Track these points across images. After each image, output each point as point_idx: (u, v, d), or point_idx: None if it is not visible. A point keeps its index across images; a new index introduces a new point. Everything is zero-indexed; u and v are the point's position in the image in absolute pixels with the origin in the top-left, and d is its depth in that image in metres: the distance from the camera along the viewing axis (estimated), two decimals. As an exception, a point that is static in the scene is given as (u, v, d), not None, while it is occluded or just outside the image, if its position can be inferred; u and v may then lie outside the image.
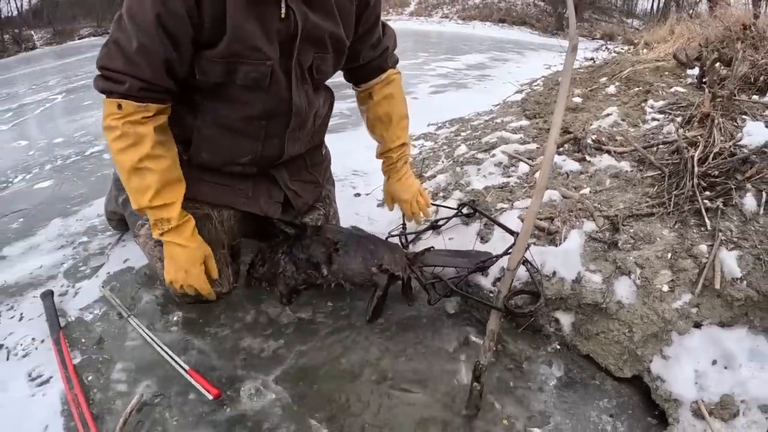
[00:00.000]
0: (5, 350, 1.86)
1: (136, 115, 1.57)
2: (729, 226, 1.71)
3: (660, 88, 3.79)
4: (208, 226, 1.85)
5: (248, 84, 1.63)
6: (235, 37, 1.52)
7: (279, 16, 1.56)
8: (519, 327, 1.77)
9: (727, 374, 1.51)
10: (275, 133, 1.79)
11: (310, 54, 1.71)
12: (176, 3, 1.45)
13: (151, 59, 1.52)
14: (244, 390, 1.56)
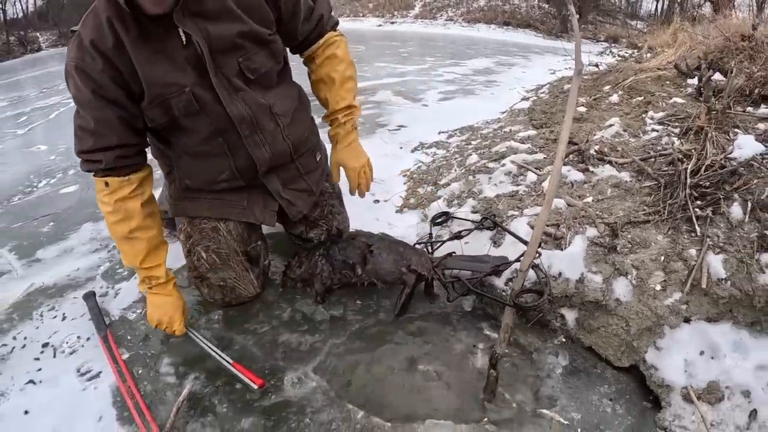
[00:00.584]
0: (51, 348, 2.04)
1: (122, 191, 1.81)
2: (716, 233, 1.88)
3: (660, 98, 3.92)
4: (218, 237, 2.03)
5: (184, 113, 1.79)
6: (150, 82, 1.72)
7: (182, 45, 1.70)
8: (529, 322, 1.97)
9: (713, 363, 1.70)
10: (236, 145, 1.91)
11: (233, 60, 1.80)
12: (101, 76, 1.68)
13: (109, 125, 1.74)
14: (286, 379, 1.77)
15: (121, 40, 1.66)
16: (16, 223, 3.19)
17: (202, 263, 2.02)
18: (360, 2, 25.99)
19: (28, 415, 1.75)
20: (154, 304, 1.98)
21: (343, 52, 2.14)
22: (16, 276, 2.58)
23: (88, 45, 1.66)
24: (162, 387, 1.79)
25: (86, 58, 1.66)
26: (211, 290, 2.07)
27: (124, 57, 1.67)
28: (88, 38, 1.66)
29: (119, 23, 1.65)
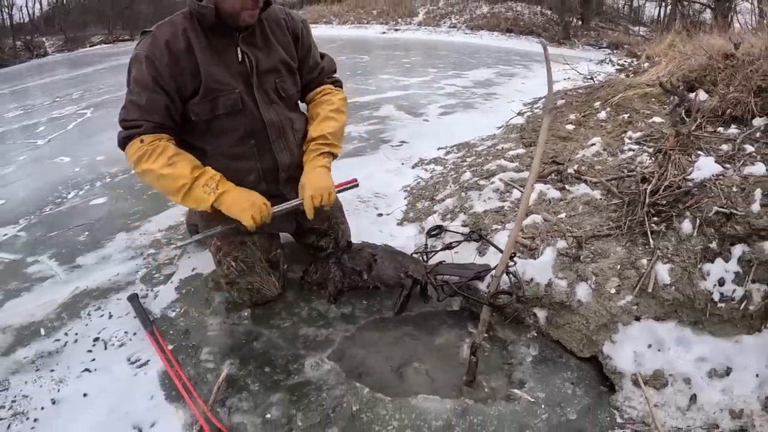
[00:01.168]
0: (102, 342, 2.33)
1: (153, 140, 2.13)
2: (667, 245, 2.21)
3: (642, 117, 4.14)
4: (245, 248, 2.39)
5: (228, 111, 2.20)
6: (209, 78, 2.15)
7: (237, 60, 2.20)
8: (506, 319, 2.32)
9: (659, 355, 2.01)
10: (264, 149, 2.30)
11: (271, 80, 2.29)
12: (164, 69, 2.10)
13: (157, 106, 2.14)
14: (306, 364, 2.12)
15: (191, 45, 2.12)
16: (52, 232, 3.44)
17: (231, 270, 2.37)
18: (364, 9, 26.10)
19: (87, 397, 2.02)
20: (234, 199, 2.16)
21: (338, 101, 2.52)
22: (60, 280, 2.83)
23: (162, 43, 2.09)
24: (203, 371, 2.12)
25: (156, 52, 2.09)
26: (240, 293, 2.41)
27: (190, 58, 2.12)
28: (163, 38, 2.10)
29: (192, 33, 2.13)
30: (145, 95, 2.11)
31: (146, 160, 2.11)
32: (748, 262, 2.02)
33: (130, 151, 2.15)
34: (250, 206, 2.17)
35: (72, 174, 4.67)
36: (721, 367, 1.94)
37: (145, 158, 2.11)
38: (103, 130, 6.26)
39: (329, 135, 2.42)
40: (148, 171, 2.13)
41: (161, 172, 2.10)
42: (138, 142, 2.12)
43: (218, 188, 2.15)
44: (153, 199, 3.86)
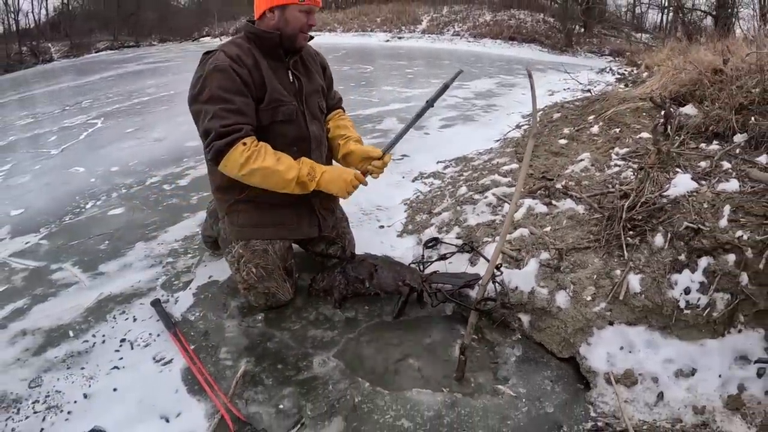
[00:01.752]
0: (128, 343, 2.51)
1: (255, 142, 2.34)
2: (639, 257, 2.42)
3: (632, 132, 4.31)
4: (267, 256, 2.61)
5: (285, 119, 2.48)
6: (273, 90, 2.45)
7: (289, 81, 2.55)
8: (494, 323, 2.55)
9: (630, 356, 2.20)
10: (304, 155, 2.54)
11: (314, 99, 2.65)
12: (246, 78, 2.38)
13: (250, 109, 2.39)
14: (314, 362, 2.34)
15: (258, 62, 2.44)
16: (73, 241, 3.61)
17: (251, 276, 2.60)
18: (368, 17, 26.23)
19: (117, 392, 2.20)
20: (330, 179, 2.49)
21: (347, 118, 2.97)
22: (85, 286, 3.00)
23: (234, 56, 2.38)
24: (222, 368, 2.33)
25: (235, 65, 2.36)
26: (257, 297, 2.65)
27: (257, 72, 2.42)
28: (234, 53, 2.40)
29: (257, 54, 2.47)
30: (237, 99, 2.34)
31: (255, 160, 2.31)
32: (712, 273, 2.20)
33: (233, 155, 2.29)
34: (345, 184, 2.52)
35: (88, 184, 4.83)
36: (687, 368, 2.12)
37: (254, 158, 2.31)
38: (115, 141, 6.46)
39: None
40: (260, 169, 2.32)
41: (275, 167, 2.35)
42: (241, 146, 2.29)
43: (316, 175, 2.47)
44: (168, 211, 4.07)
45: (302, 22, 2.46)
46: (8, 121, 8.96)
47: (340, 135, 2.82)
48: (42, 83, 15.32)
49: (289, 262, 2.74)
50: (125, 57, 22.02)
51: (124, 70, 15.81)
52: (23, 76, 19.96)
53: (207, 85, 2.33)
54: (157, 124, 7.25)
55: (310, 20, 2.48)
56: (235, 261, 2.64)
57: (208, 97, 2.33)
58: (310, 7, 2.46)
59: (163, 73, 13.96)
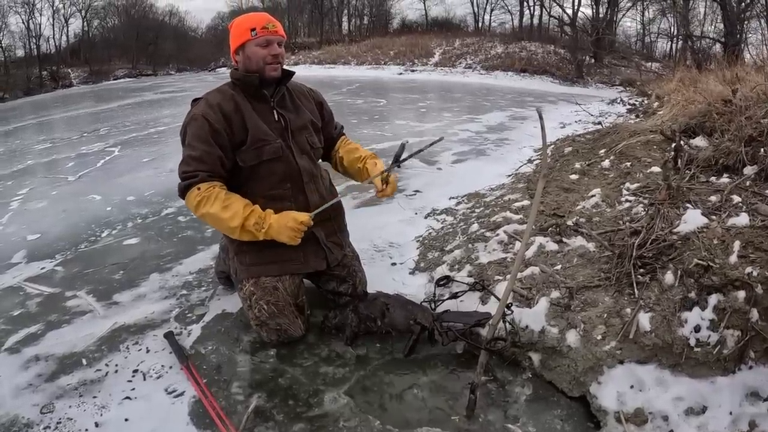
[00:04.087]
0: (141, 373, 2.53)
1: (209, 188, 2.47)
2: (650, 295, 2.43)
3: (642, 166, 4.33)
4: (277, 293, 2.65)
5: (272, 157, 2.57)
6: (256, 130, 2.56)
7: (274, 120, 2.64)
8: (505, 362, 2.55)
9: (640, 395, 2.19)
10: (298, 190, 2.67)
11: (302, 135, 2.71)
12: (219, 126, 2.50)
13: (210, 158, 2.50)
14: (325, 398, 2.35)
15: (240, 107, 2.56)
16: (88, 269, 3.66)
17: (263, 313, 2.64)
18: (381, 50, 26.55)
19: (128, 422, 2.21)
20: (278, 230, 2.49)
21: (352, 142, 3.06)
22: (99, 315, 3.05)
23: (214, 105, 2.53)
24: (233, 402, 2.35)
25: (210, 113, 2.51)
26: (269, 333, 2.68)
27: (237, 116, 2.54)
28: (215, 101, 2.55)
29: (239, 98, 2.59)
30: (200, 148, 2.49)
31: (204, 205, 2.45)
32: (722, 310, 2.20)
33: (189, 198, 2.49)
34: (290, 231, 2.51)
35: (104, 213, 4.90)
36: (697, 406, 2.10)
37: (203, 203, 2.45)
38: (132, 170, 6.57)
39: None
40: (207, 214, 2.47)
41: (219, 215, 2.44)
42: (195, 190, 2.46)
43: (264, 225, 2.48)
44: (183, 242, 4.11)
45: (262, 55, 2.55)
46: (27, 145, 9.16)
47: (356, 158, 2.92)
48: (61, 108, 15.60)
49: (300, 298, 2.77)
50: (143, 85, 22.37)
51: (141, 99, 16.08)
52: (42, 101, 20.27)
53: (186, 131, 2.58)
54: (173, 155, 7.28)
55: (272, 50, 2.56)
56: (247, 298, 2.69)
57: (186, 143, 2.57)
58: (266, 38, 2.54)
59: (179, 103, 14.16)
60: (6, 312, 3.16)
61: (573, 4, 23.44)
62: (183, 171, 2.52)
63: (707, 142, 4.45)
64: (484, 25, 35.54)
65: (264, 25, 2.53)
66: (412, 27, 36.90)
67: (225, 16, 42.53)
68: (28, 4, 32.08)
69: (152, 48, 36.81)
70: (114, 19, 38.75)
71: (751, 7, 18.32)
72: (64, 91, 25.89)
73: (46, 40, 34.11)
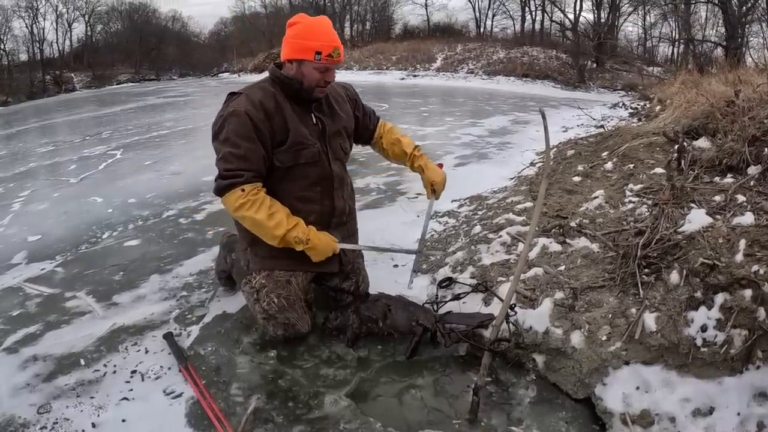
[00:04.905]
0: (139, 374, 2.52)
1: (254, 190, 2.45)
2: (655, 295, 2.39)
3: (645, 168, 4.30)
4: (290, 287, 2.64)
5: (308, 161, 2.57)
6: (296, 134, 2.53)
7: (312, 123, 2.62)
8: (508, 363, 2.51)
9: (646, 396, 2.15)
10: (327, 195, 2.68)
11: (337, 141, 2.72)
12: (262, 124, 2.45)
13: (255, 156, 2.46)
14: (326, 400, 2.32)
15: (280, 106, 2.52)
16: (88, 270, 3.67)
17: (272, 306, 2.61)
18: (384, 55, 26.62)
19: (125, 423, 2.20)
20: (317, 247, 2.55)
21: (393, 126, 3.11)
22: (98, 316, 3.04)
23: (257, 102, 2.47)
24: (232, 404, 2.32)
25: (253, 110, 2.44)
26: (276, 327, 2.67)
27: (279, 116, 2.50)
28: (257, 98, 2.48)
29: (280, 96, 2.55)
30: (244, 146, 2.44)
31: (249, 209, 2.43)
32: (729, 309, 2.16)
33: (230, 198, 2.45)
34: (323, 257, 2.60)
35: (105, 215, 4.92)
36: (705, 407, 2.06)
37: (247, 207, 2.43)
38: (134, 173, 6.59)
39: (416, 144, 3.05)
40: (250, 218, 2.45)
41: (264, 222, 2.44)
42: (239, 191, 2.43)
43: (309, 242, 2.52)
44: (184, 244, 4.11)
45: (317, 78, 2.51)
46: (29, 147, 9.23)
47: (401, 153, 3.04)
48: (64, 112, 15.69)
49: (310, 295, 2.79)
50: (146, 90, 22.42)
51: (144, 103, 16.14)
52: (45, 105, 20.35)
53: (224, 126, 2.46)
54: (175, 158, 7.38)
55: (327, 77, 2.53)
56: (255, 291, 2.66)
57: (223, 138, 2.47)
58: (326, 66, 2.50)
59: (182, 107, 14.23)
60: (5, 312, 3.15)
61: (574, 9, 23.58)
62: (225, 168, 2.46)
63: (710, 143, 4.44)
64: (486, 31, 35.72)
65: (330, 53, 2.47)
66: (414, 32, 37.01)
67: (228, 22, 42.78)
68: (32, 9, 32.33)
69: (155, 53, 37.01)
70: (117, 24, 39.07)
71: (752, 10, 18.37)
72: (67, 95, 26.01)
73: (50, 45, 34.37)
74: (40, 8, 32.85)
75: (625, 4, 24.87)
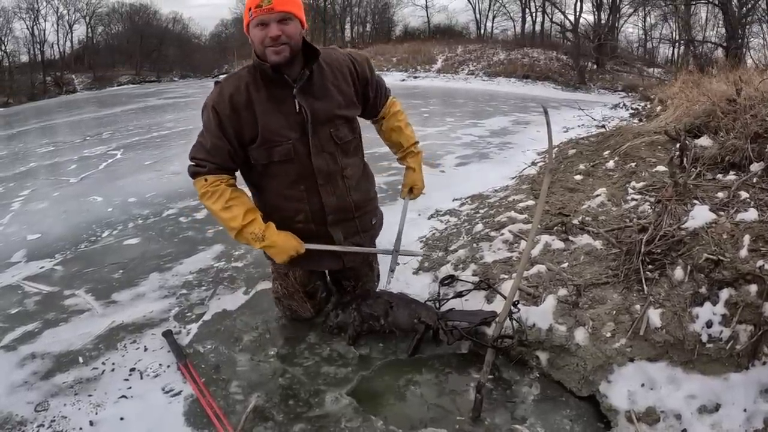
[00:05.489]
0: (138, 372, 2.51)
1: (215, 182, 2.42)
2: (659, 291, 2.37)
3: (647, 166, 4.30)
4: (287, 280, 2.76)
5: (282, 158, 2.42)
6: (265, 130, 2.38)
7: (294, 111, 2.38)
8: (511, 361, 2.49)
9: (651, 393, 2.14)
10: (312, 191, 2.51)
11: (326, 130, 2.45)
12: (227, 119, 2.36)
13: (219, 151, 2.41)
14: (327, 399, 2.30)
15: (251, 99, 2.36)
16: (88, 268, 3.67)
17: (278, 291, 2.86)
18: (384, 57, 26.61)
19: (123, 421, 2.20)
20: (275, 247, 2.46)
21: (401, 109, 2.88)
22: (97, 314, 3.04)
23: (226, 96, 2.36)
24: (232, 402, 2.30)
25: (221, 105, 2.36)
26: (282, 309, 2.92)
27: (248, 111, 2.36)
28: (227, 91, 2.37)
29: (254, 87, 2.37)
30: (210, 140, 2.41)
31: (208, 199, 2.43)
32: (734, 304, 2.15)
33: (196, 185, 2.47)
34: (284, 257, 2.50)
35: (105, 214, 4.93)
36: (711, 404, 2.04)
37: (207, 196, 2.43)
38: (134, 172, 6.60)
39: (417, 140, 2.93)
40: (209, 208, 2.47)
41: (219, 213, 2.43)
42: (203, 180, 2.43)
43: (265, 240, 2.44)
44: (184, 243, 4.10)
45: (260, 37, 2.25)
46: (30, 148, 9.25)
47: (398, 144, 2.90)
48: (64, 113, 15.73)
49: (311, 285, 2.83)
50: (146, 91, 22.47)
51: (144, 104, 16.18)
52: (47, 106, 20.38)
53: (202, 116, 2.47)
54: (176, 158, 7.36)
55: (270, 32, 2.23)
56: (273, 273, 2.89)
57: (201, 127, 2.48)
58: (260, 18, 2.23)
59: (182, 108, 14.25)
60: (4, 310, 3.14)
61: (575, 11, 23.59)
62: (192, 156, 2.48)
63: (712, 140, 4.44)
64: (487, 32, 35.70)
65: (258, 3, 2.21)
66: (415, 34, 37.05)
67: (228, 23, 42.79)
68: (33, 10, 32.38)
69: (156, 54, 37.03)
70: (118, 26, 39.13)
71: (752, 11, 18.39)
72: (67, 96, 26.05)
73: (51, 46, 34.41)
74: (41, 10, 32.91)
75: (625, 5, 24.87)
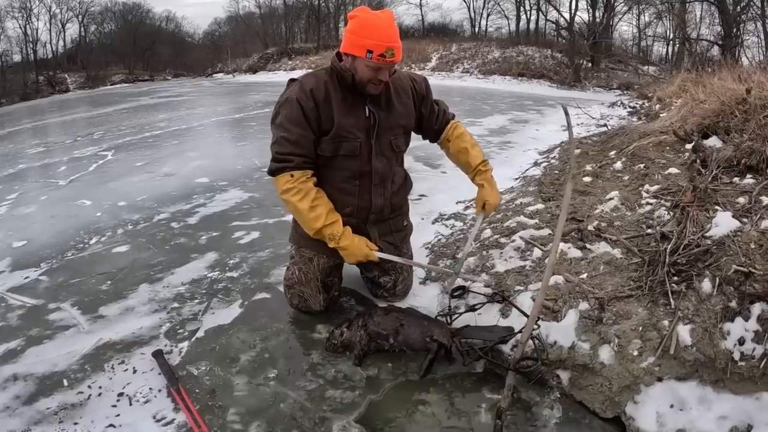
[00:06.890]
0: (126, 397, 2.32)
1: (302, 177, 2.56)
2: (687, 305, 2.23)
3: (658, 167, 4.19)
4: (310, 265, 2.82)
5: (348, 153, 2.62)
6: (340, 126, 2.57)
7: (364, 116, 2.61)
8: (530, 381, 2.32)
9: (681, 414, 2.01)
10: (365, 190, 2.72)
11: (388, 136, 2.70)
12: (310, 111, 2.52)
13: (306, 141, 2.56)
14: (333, 427, 2.13)
15: (330, 96, 2.56)
16: (74, 279, 3.47)
17: (293, 277, 2.87)
18: (379, 55, 26.58)
19: None
20: (348, 249, 2.61)
21: (465, 131, 3.02)
22: (83, 330, 2.85)
23: (308, 90, 2.53)
24: None
25: (303, 97, 2.52)
26: (293, 296, 2.92)
27: (327, 106, 2.55)
28: (308, 87, 2.54)
29: (331, 86, 2.58)
30: (296, 132, 2.54)
31: (293, 195, 2.55)
32: (767, 320, 2.04)
33: (280, 180, 2.59)
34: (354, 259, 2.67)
35: (94, 219, 4.73)
36: (743, 425, 1.94)
37: (293, 193, 2.55)
38: (125, 174, 6.41)
39: (485, 158, 2.99)
40: (293, 204, 2.57)
41: (305, 213, 2.56)
42: (288, 176, 2.56)
43: (340, 242, 2.60)
44: (175, 250, 3.92)
45: (369, 76, 2.49)
46: (20, 149, 9.07)
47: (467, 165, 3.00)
48: (56, 113, 15.60)
49: (330, 278, 2.89)
50: (139, 90, 22.34)
51: (137, 103, 16.03)
52: (39, 105, 20.24)
53: (280, 112, 2.59)
54: (168, 159, 7.20)
55: (380, 75, 2.50)
56: (290, 258, 2.98)
57: (278, 124, 2.59)
58: (378, 65, 2.45)
59: (175, 107, 14.12)
60: (-14, 325, 2.95)
61: (569, 9, 23.48)
62: (277, 152, 2.59)
63: (722, 142, 4.34)
64: (481, 30, 35.76)
65: (382, 52, 2.41)
66: (409, 32, 36.95)
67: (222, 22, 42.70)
68: (26, 9, 32.25)
69: (149, 53, 36.98)
70: (111, 25, 39.11)
71: (747, 9, 18.39)
72: (60, 96, 25.91)
73: (43, 45, 34.36)
74: (34, 9, 32.82)
75: (620, 3, 24.83)
